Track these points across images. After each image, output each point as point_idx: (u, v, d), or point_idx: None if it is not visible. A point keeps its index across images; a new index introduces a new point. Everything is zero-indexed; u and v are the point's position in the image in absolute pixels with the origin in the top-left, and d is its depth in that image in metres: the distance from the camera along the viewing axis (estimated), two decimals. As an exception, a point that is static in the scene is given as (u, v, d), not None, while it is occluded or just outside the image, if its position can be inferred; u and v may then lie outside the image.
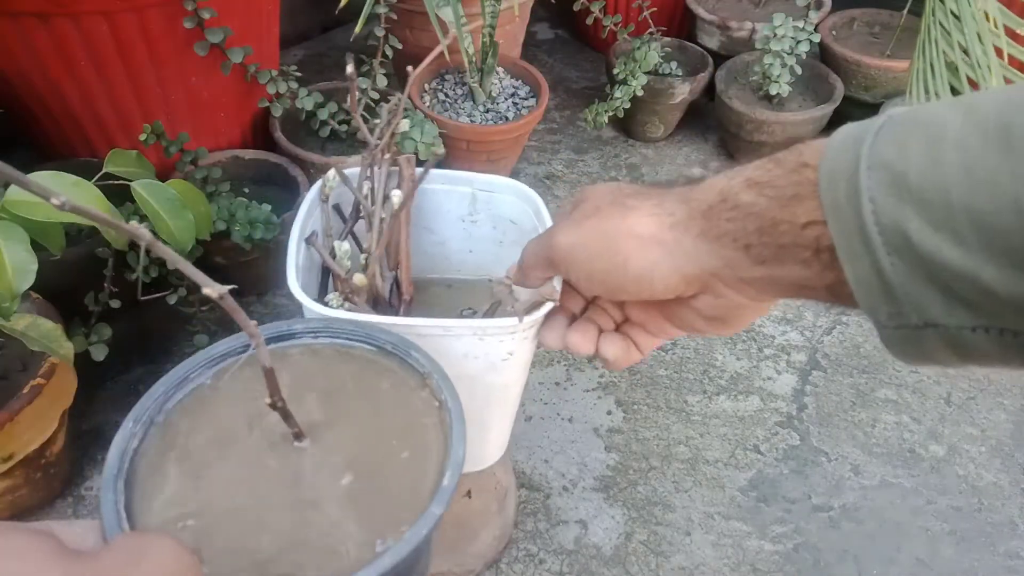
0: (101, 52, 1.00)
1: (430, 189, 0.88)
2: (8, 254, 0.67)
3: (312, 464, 0.38)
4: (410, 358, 0.44)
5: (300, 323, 0.46)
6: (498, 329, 0.61)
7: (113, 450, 0.38)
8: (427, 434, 0.40)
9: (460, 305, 0.96)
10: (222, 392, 0.42)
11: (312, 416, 0.40)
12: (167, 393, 0.41)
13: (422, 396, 0.43)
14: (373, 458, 0.39)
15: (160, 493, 0.37)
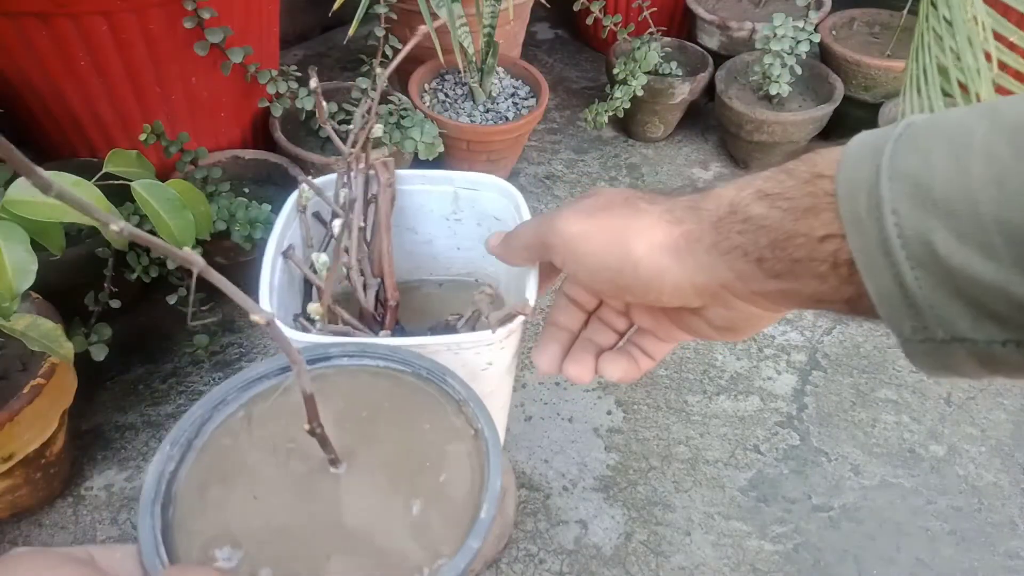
0: (101, 52, 1.00)
1: (411, 190, 0.88)
2: (8, 254, 0.67)
3: (348, 492, 0.38)
4: (446, 384, 0.43)
5: (336, 346, 0.46)
6: (473, 342, 0.61)
7: (150, 474, 0.37)
8: (462, 463, 0.40)
9: (451, 306, 0.95)
10: (259, 415, 0.41)
11: (348, 441, 0.39)
12: (204, 416, 0.40)
13: (457, 424, 0.42)
14: (408, 487, 0.38)
15: (198, 518, 0.36)
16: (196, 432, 0.40)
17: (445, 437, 0.41)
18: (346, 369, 0.45)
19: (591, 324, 0.49)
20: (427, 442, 0.41)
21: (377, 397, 0.43)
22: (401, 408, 0.43)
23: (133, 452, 0.98)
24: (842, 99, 1.39)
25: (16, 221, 0.69)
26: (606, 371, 0.47)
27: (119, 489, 0.94)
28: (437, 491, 0.38)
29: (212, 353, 1.10)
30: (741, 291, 0.36)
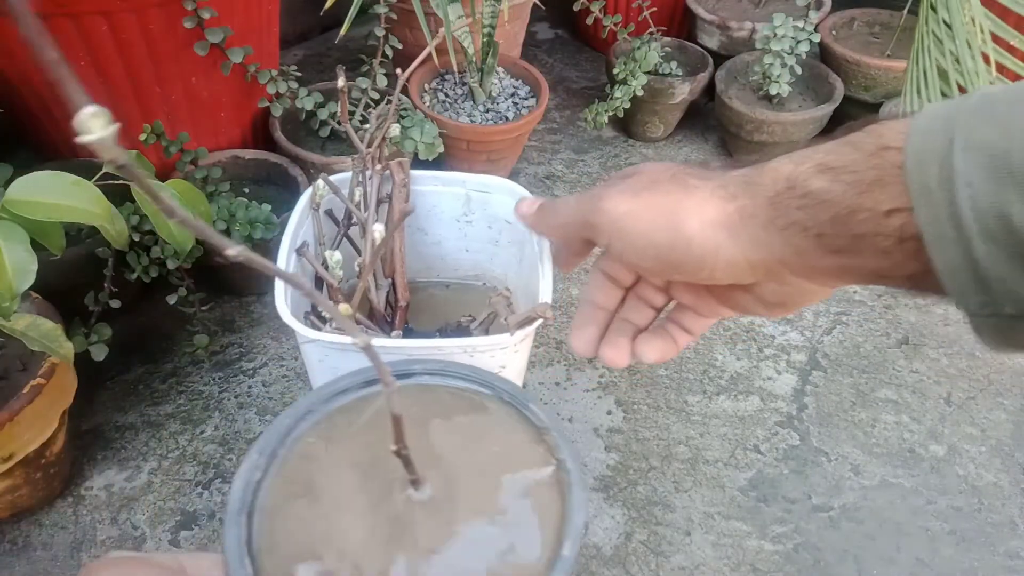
0: (101, 52, 1.00)
1: (424, 191, 0.88)
2: (8, 254, 0.67)
3: (427, 515, 0.37)
4: (527, 410, 0.43)
5: (419, 363, 0.45)
6: (489, 345, 0.61)
7: (237, 483, 0.37)
8: (542, 494, 0.39)
9: (458, 307, 0.95)
10: (342, 429, 0.41)
11: (426, 462, 0.39)
12: (290, 426, 0.40)
13: (538, 452, 0.41)
14: (486, 515, 0.37)
15: (280, 530, 0.36)
16: (281, 442, 0.39)
17: (525, 465, 0.40)
18: (427, 387, 0.44)
19: (628, 302, 0.47)
20: (507, 469, 0.39)
21: (457, 419, 0.42)
22: (481, 432, 0.42)
23: (133, 452, 0.98)
24: (842, 99, 1.39)
25: (16, 221, 0.69)
26: (644, 354, 0.45)
27: (119, 489, 0.94)
28: (516, 521, 0.37)
29: (212, 353, 1.10)
30: (798, 267, 0.35)
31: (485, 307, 0.71)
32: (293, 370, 1.08)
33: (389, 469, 0.38)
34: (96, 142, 0.16)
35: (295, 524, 0.36)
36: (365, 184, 0.77)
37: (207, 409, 1.03)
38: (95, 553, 0.88)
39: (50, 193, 0.71)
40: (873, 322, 1.22)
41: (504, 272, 0.96)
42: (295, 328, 0.64)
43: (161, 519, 0.92)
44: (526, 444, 0.41)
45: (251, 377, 1.07)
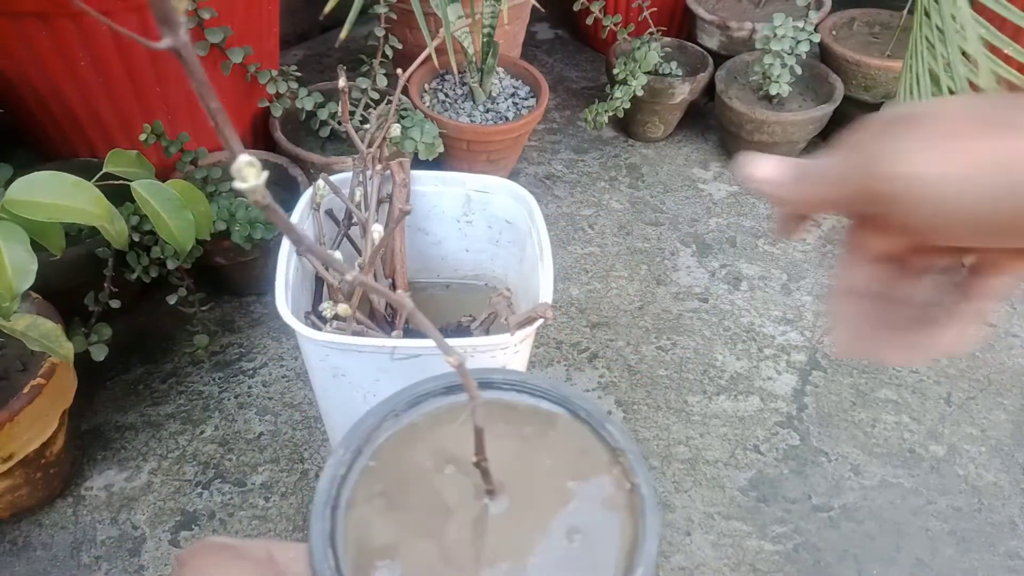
0: (101, 52, 1.00)
1: (424, 191, 0.88)
2: (8, 254, 0.67)
3: (500, 527, 0.38)
4: (603, 430, 0.43)
5: (499, 373, 0.46)
6: (489, 346, 0.61)
7: (325, 476, 0.38)
8: (614, 517, 0.39)
9: (458, 307, 0.95)
10: (422, 433, 0.42)
11: (503, 474, 0.40)
12: (375, 425, 0.41)
13: (613, 474, 0.41)
14: (558, 533, 0.38)
15: (360, 527, 0.37)
16: (366, 441, 0.40)
17: (598, 486, 0.40)
18: (505, 402, 0.45)
19: (898, 284, 0.37)
20: (579, 489, 0.40)
21: (533, 434, 0.43)
22: (554, 449, 0.42)
23: (133, 452, 0.98)
24: (842, 99, 1.39)
25: (16, 221, 0.69)
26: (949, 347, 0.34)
27: (119, 489, 0.94)
28: (589, 542, 0.38)
29: (212, 353, 1.10)
30: None
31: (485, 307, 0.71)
32: (293, 370, 1.08)
33: (465, 477, 0.39)
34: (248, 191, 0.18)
35: (374, 523, 0.37)
36: (365, 184, 0.78)
37: (207, 409, 1.03)
38: (95, 553, 0.89)
39: (50, 193, 0.71)
40: None
41: (504, 272, 0.96)
42: (295, 328, 0.64)
43: (161, 519, 0.92)
44: (601, 465, 0.42)
45: (251, 377, 1.07)
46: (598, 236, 1.34)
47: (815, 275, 1.29)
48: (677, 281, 1.27)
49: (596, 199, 1.41)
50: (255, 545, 0.30)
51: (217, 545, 0.29)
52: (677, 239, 1.34)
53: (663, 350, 1.15)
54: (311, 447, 1.00)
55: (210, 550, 0.29)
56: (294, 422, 1.02)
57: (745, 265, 1.30)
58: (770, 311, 1.22)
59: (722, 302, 1.23)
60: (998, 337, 1.20)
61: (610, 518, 0.39)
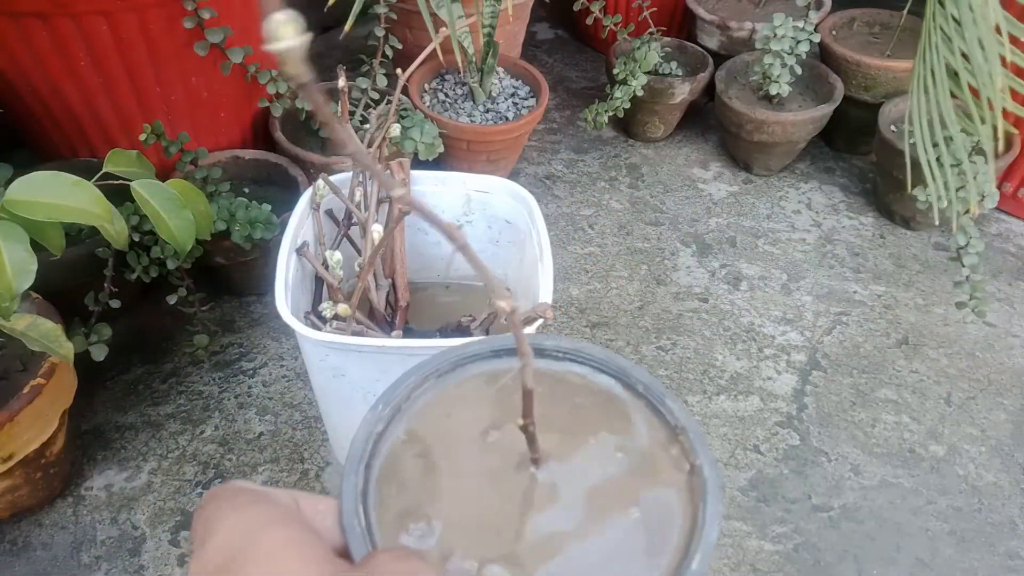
0: (101, 52, 1.00)
1: (424, 191, 0.88)
2: (8, 254, 0.67)
3: (544, 497, 0.36)
4: (663, 406, 0.41)
5: (551, 339, 0.43)
6: None
7: (361, 431, 0.35)
8: (671, 499, 0.36)
9: (458, 308, 0.95)
10: (467, 395, 0.40)
11: (548, 445, 0.38)
12: (417, 384, 0.39)
13: (672, 454, 0.39)
14: (607, 513, 0.35)
15: (394, 487, 0.35)
16: (406, 398, 0.38)
17: (655, 465, 0.38)
18: (555, 371, 0.43)
19: None
20: (634, 466, 0.38)
21: (585, 404, 0.41)
22: (609, 424, 0.40)
23: (133, 452, 0.98)
24: (842, 99, 1.39)
25: (16, 221, 0.69)
26: None
27: (119, 489, 0.94)
28: (643, 522, 0.35)
29: (212, 353, 1.10)
30: None
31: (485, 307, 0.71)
32: (293, 370, 1.08)
33: (509, 444, 0.37)
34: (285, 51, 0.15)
35: (410, 483, 0.35)
36: (365, 184, 0.78)
37: (207, 409, 1.03)
38: (95, 553, 0.89)
39: (50, 193, 0.71)
40: (873, 322, 1.22)
41: (504, 272, 0.96)
42: (295, 328, 0.64)
43: (161, 519, 0.92)
44: (659, 445, 0.39)
45: (251, 377, 1.07)
46: (598, 236, 1.34)
47: (815, 275, 1.29)
48: (677, 281, 1.27)
49: (596, 199, 1.41)
50: (282, 493, 0.29)
51: (240, 488, 0.28)
52: (677, 239, 1.34)
53: (663, 350, 1.15)
54: (311, 447, 1.00)
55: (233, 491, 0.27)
56: (294, 422, 1.02)
57: (745, 265, 1.30)
58: (770, 311, 1.22)
59: (722, 302, 1.23)
60: (998, 337, 1.20)
61: (667, 499, 0.36)
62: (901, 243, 1.36)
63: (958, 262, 1.07)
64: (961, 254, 1.06)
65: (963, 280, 1.06)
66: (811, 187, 1.47)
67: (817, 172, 1.50)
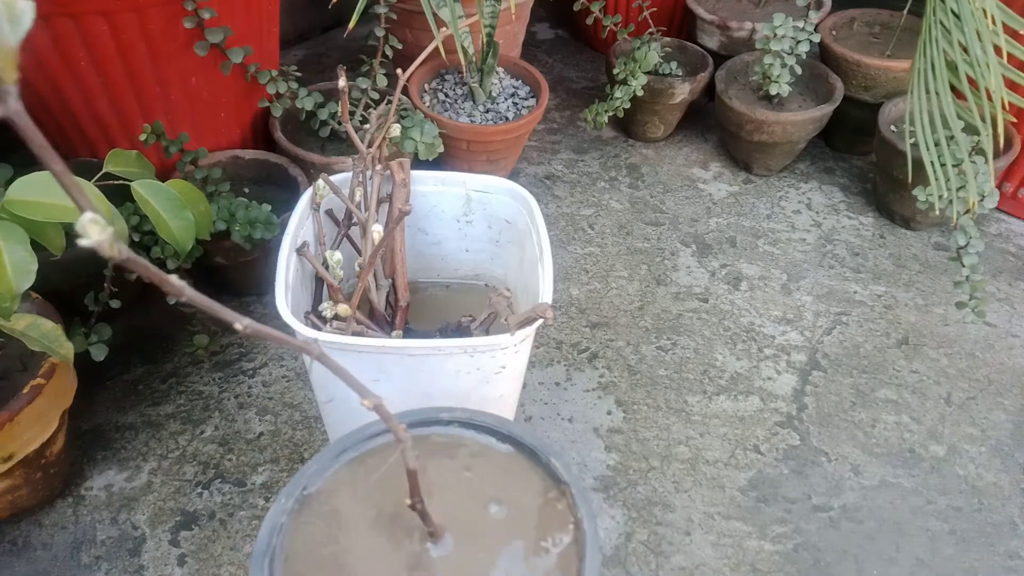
0: (101, 52, 1.00)
1: (424, 191, 0.88)
2: (8, 254, 0.67)
3: (445, 570, 0.37)
4: (551, 465, 0.43)
5: (446, 412, 0.45)
6: (489, 346, 0.61)
7: (265, 527, 0.37)
8: (560, 554, 0.38)
9: (458, 307, 0.96)
10: (369, 476, 0.41)
11: (449, 514, 0.39)
12: (319, 471, 0.40)
13: (559, 509, 0.41)
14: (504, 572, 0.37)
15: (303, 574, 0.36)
16: (309, 487, 0.40)
17: (545, 522, 0.40)
18: (453, 437, 0.44)
19: None
20: (526, 526, 0.39)
21: (481, 472, 0.42)
22: (503, 484, 0.42)
23: (133, 452, 0.98)
24: (842, 99, 1.39)
25: (16, 221, 0.69)
26: None
27: (119, 489, 0.94)
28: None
29: (212, 353, 1.10)
30: None
31: (485, 307, 0.71)
32: (293, 370, 1.08)
33: (410, 520, 0.38)
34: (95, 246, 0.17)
35: (316, 571, 0.37)
36: (365, 184, 0.78)
37: (207, 409, 1.03)
38: (95, 553, 0.89)
39: (50, 193, 0.71)
40: (873, 322, 1.22)
41: (504, 272, 0.96)
42: (295, 328, 0.64)
43: (161, 519, 0.92)
44: (547, 502, 0.42)
45: (251, 377, 1.07)
46: (598, 236, 1.34)
47: (815, 275, 1.29)
48: (677, 281, 1.27)
49: (596, 199, 1.41)
50: None
51: None
52: (677, 239, 1.34)
53: (663, 350, 1.15)
54: (311, 447, 1.00)
55: None
56: (294, 422, 1.02)
57: (745, 265, 1.30)
58: (770, 311, 1.22)
59: (722, 302, 1.23)
60: (998, 337, 1.20)
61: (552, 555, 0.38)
62: (901, 243, 1.36)
63: (958, 262, 1.07)
64: (961, 254, 1.06)
65: (963, 280, 1.06)
66: (811, 187, 1.47)
67: (817, 172, 1.50)
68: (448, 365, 0.63)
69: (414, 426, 0.44)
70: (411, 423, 0.43)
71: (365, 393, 0.28)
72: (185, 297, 0.23)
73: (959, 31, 0.86)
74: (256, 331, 0.26)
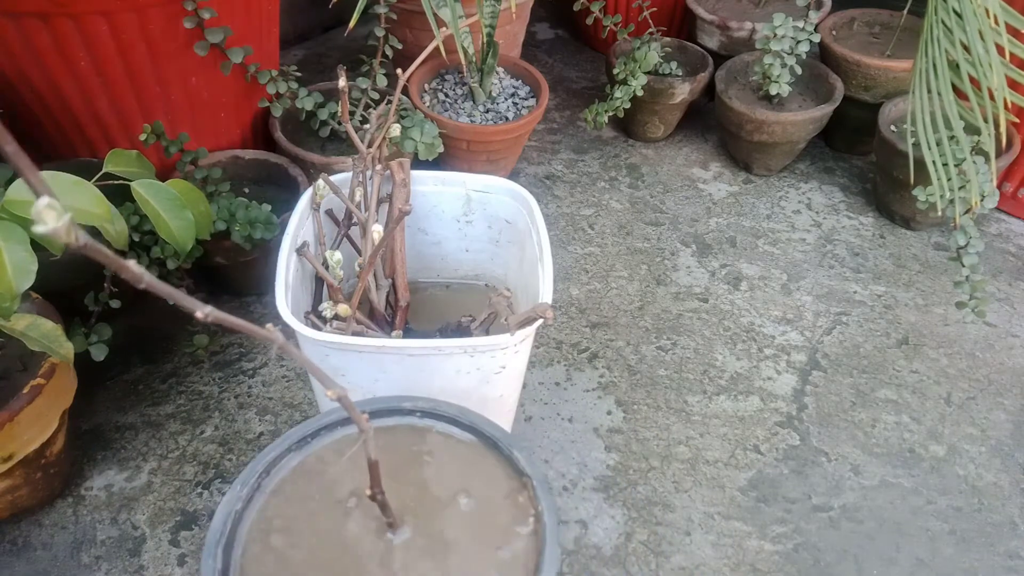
0: (101, 52, 1.00)
1: (424, 191, 0.88)
2: (8, 254, 0.67)
3: (402, 559, 0.37)
4: (512, 457, 0.42)
5: (408, 400, 0.45)
6: (489, 346, 0.61)
7: (219, 514, 0.37)
8: (519, 544, 0.38)
9: (458, 307, 0.95)
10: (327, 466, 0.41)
11: (408, 504, 0.39)
12: (275, 460, 0.40)
13: (519, 501, 0.41)
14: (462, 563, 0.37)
15: (258, 565, 0.36)
16: (265, 475, 0.39)
17: (506, 513, 0.40)
18: (415, 428, 0.44)
19: None
20: (486, 517, 0.39)
21: (443, 462, 0.42)
22: (464, 475, 0.41)
23: (133, 452, 0.98)
24: (842, 99, 1.39)
25: (16, 221, 0.69)
26: None
27: (119, 489, 0.94)
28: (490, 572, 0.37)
29: (212, 353, 1.10)
30: None
31: (485, 307, 0.71)
32: (293, 370, 1.08)
33: (368, 510, 0.38)
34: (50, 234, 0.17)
35: (272, 560, 0.36)
36: (365, 184, 0.78)
37: (207, 409, 1.03)
38: (95, 553, 0.89)
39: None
40: (873, 322, 1.22)
41: (504, 272, 0.96)
42: (295, 328, 0.64)
43: (161, 519, 0.92)
44: (508, 493, 0.41)
45: (251, 377, 1.07)
46: (598, 236, 1.34)
47: (815, 275, 1.29)
48: (677, 281, 1.27)
49: (596, 199, 1.41)
50: None
51: None
52: (677, 239, 1.34)
53: (663, 350, 1.15)
54: (311, 447, 1.00)
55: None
56: (294, 422, 1.02)
57: (745, 265, 1.30)
58: (770, 311, 1.22)
59: (722, 302, 1.23)
60: (998, 337, 1.20)
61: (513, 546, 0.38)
62: (901, 243, 1.36)
63: (958, 262, 1.07)
64: (961, 254, 1.06)
65: (963, 280, 1.06)
66: (811, 187, 1.47)
67: (817, 172, 1.50)
68: (448, 365, 0.63)
69: (377, 415, 0.43)
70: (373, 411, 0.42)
71: (330, 384, 0.28)
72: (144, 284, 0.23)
73: (961, 30, 0.86)
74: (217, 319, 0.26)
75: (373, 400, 0.42)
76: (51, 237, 0.17)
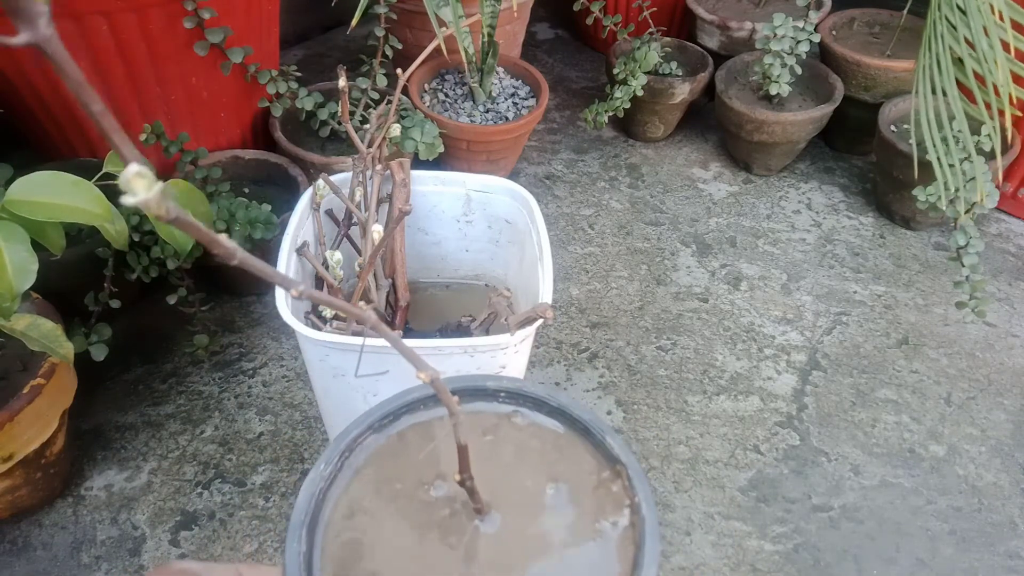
0: (101, 52, 1.00)
1: (424, 191, 0.88)
2: (8, 254, 0.67)
3: (490, 549, 0.35)
4: (605, 443, 0.41)
5: (493, 380, 0.43)
6: (489, 346, 0.61)
7: (303, 495, 0.35)
8: (613, 538, 0.36)
9: (458, 307, 0.95)
10: (412, 446, 0.39)
11: (493, 489, 0.37)
12: (358, 438, 0.38)
13: (613, 491, 0.39)
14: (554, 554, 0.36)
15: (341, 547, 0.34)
16: (349, 453, 0.38)
17: (598, 505, 0.37)
18: (498, 412, 0.42)
19: None
20: (576, 507, 0.37)
21: (529, 447, 0.40)
22: (554, 463, 0.39)
23: (133, 452, 0.98)
24: (842, 99, 1.39)
25: (16, 221, 0.69)
26: None
27: (119, 489, 0.94)
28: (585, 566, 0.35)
29: (212, 353, 1.10)
30: None
31: (485, 307, 0.71)
32: (293, 370, 1.08)
33: (454, 494, 0.37)
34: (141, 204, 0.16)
35: (356, 542, 0.35)
36: (365, 184, 0.78)
37: (207, 409, 1.03)
38: (95, 553, 0.89)
39: (50, 193, 0.70)
40: (873, 322, 1.22)
41: (504, 272, 0.96)
42: (295, 328, 0.64)
43: (161, 519, 0.92)
44: (601, 482, 0.39)
45: (251, 377, 1.07)
46: (598, 236, 1.34)
47: (815, 275, 1.29)
48: (677, 281, 1.27)
49: (596, 199, 1.41)
50: (223, 569, 0.29)
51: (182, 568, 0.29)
52: (677, 239, 1.34)
53: (663, 350, 1.15)
54: (311, 447, 1.00)
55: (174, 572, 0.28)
56: (294, 422, 1.02)
57: (745, 265, 1.30)
58: (770, 311, 1.22)
59: (722, 302, 1.23)
60: (998, 337, 1.20)
61: (608, 539, 0.36)
62: (901, 243, 1.36)
63: (958, 262, 1.07)
64: (961, 254, 1.06)
65: (963, 280, 1.06)
66: (811, 187, 1.47)
67: (817, 172, 1.50)
68: (448, 365, 0.63)
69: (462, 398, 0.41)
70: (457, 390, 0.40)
71: (421, 365, 0.28)
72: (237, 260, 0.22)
73: (965, 26, 0.85)
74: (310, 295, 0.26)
75: (454, 378, 0.41)
76: (142, 208, 0.16)
